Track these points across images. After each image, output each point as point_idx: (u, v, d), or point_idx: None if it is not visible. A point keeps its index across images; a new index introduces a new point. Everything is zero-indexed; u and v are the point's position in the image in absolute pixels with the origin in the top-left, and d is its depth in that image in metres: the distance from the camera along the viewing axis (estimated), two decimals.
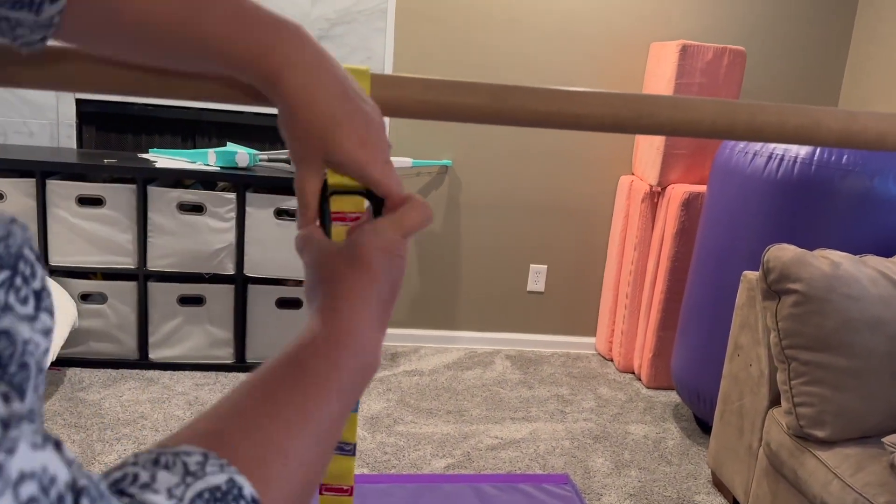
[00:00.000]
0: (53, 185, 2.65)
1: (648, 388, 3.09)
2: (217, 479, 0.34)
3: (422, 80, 0.59)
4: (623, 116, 0.59)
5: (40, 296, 0.33)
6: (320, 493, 0.66)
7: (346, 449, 0.63)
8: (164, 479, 0.32)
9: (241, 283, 2.82)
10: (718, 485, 2.35)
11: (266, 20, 0.51)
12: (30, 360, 0.30)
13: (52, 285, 2.58)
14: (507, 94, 0.59)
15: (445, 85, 0.59)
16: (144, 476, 0.32)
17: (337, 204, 0.56)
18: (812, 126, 0.62)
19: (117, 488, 0.32)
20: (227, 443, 0.37)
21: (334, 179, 0.55)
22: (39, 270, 0.33)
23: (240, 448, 0.37)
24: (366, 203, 0.59)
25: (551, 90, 0.59)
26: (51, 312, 0.33)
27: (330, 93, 0.51)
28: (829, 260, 1.90)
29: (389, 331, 3.30)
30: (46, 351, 0.32)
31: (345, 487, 0.66)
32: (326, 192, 0.55)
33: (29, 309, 0.32)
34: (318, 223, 0.57)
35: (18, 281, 0.32)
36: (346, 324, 0.49)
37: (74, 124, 2.95)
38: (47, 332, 0.32)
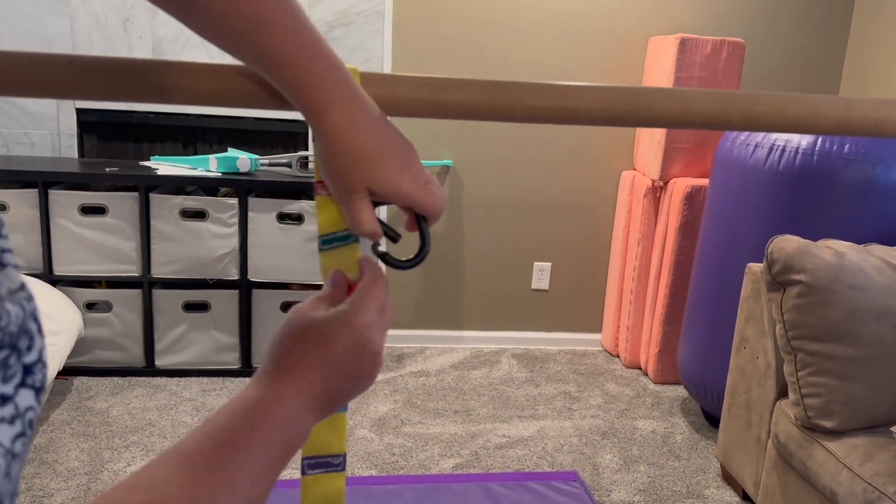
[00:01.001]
0: (56, 195, 2.66)
1: (655, 383, 3.08)
2: None
3: (415, 79, 0.59)
4: (618, 110, 0.59)
5: (31, 370, 0.33)
6: None
7: (335, 464, 0.57)
8: None
9: (245, 288, 2.83)
10: (728, 478, 2.35)
11: (324, 55, 0.54)
12: None
13: (58, 295, 2.58)
14: (500, 90, 0.58)
15: (438, 83, 0.59)
16: None
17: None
18: (808, 115, 0.61)
19: None
20: None
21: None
22: (38, 342, 0.33)
23: None
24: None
25: (545, 85, 0.59)
26: (35, 388, 0.33)
27: (370, 126, 0.54)
28: (833, 250, 1.89)
29: (395, 332, 3.30)
30: (17, 436, 0.32)
31: None
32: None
33: (8, 388, 0.31)
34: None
35: (12, 360, 0.32)
36: (280, 396, 0.48)
37: (75, 134, 2.95)
38: (14, 419, 0.31)
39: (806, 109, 0.61)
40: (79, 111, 2.94)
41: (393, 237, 0.59)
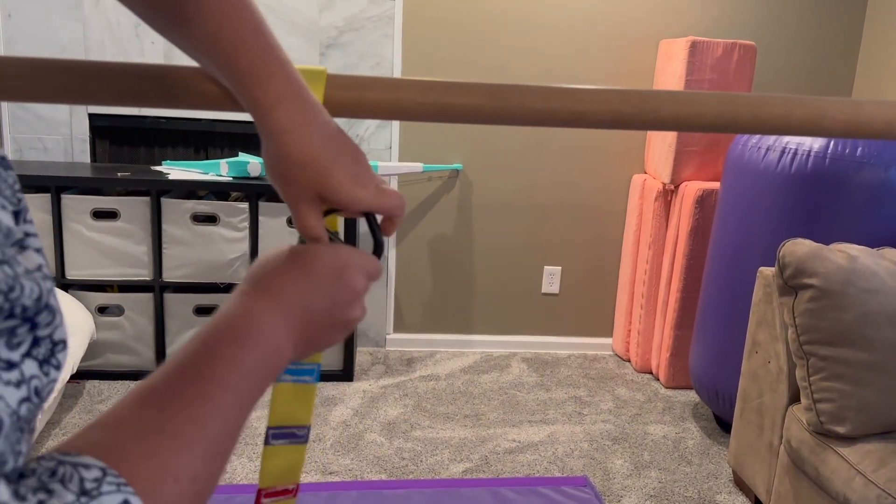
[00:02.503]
0: (68, 200, 2.68)
1: (667, 387, 3.07)
2: (112, 499, 0.33)
3: (420, 82, 0.59)
4: (624, 112, 0.59)
5: (38, 342, 0.33)
6: (258, 502, 0.56)
7: (300, 435, 0.56)
8: (60, 498, 0.31)
9: None
10: (740, 484, 2.33)
11: (277, 51, 0.52)
12: None
13: (70, 299, 2.60)
14: (504, 94, 0.58)
15: (443, 86, 0.59)
16: (41, 496, 0.31)
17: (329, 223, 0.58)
18: (817, 117, 0.61)
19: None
20: (120, 459, 0.35)
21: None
22: (58, 319, 0.34)
23: (132, 466, 0.35)
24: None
25: (549, 88, 0.59)
26: (39, 360, 0.33)
27: (320, 130, 0.53)
28: (846, 253, 1.88)
29: (405, 336, 3.30)
30: (22, 400, 0.32)
31: (290, 488, 0.57)
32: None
33: (14, 356, 0.32)
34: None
35: (21, 330, 0.32)
36: (255, 315, 0.47)
37: (88, 139, 2.98)
38: (19, 383, 0.31)
39: (814, 112, 0.61)
40: (91, 116, 2.96)
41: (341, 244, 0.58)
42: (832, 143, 2.21)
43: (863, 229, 2.17)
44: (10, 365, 0.31)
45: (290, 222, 2.79)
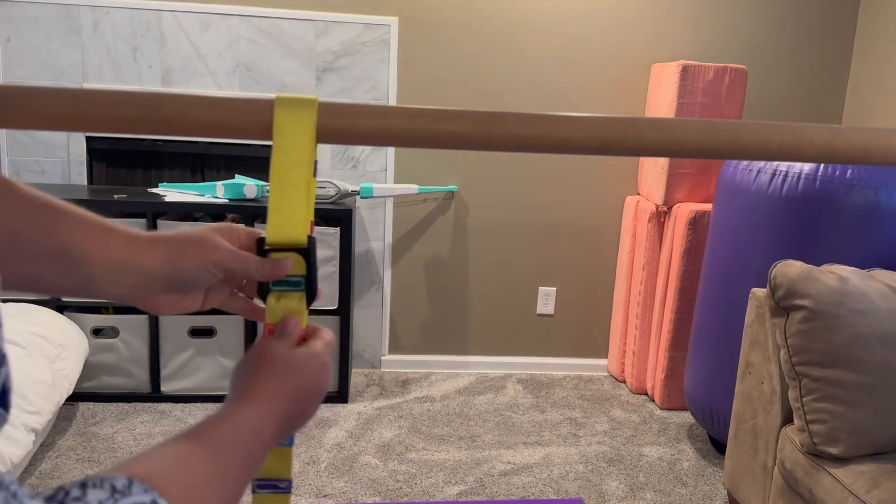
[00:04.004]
0: None
1: (662, 409, 3.07)
2: (142, 497, 0.36)
3: (409, 110, 0.60)
4: (608, 139, 0.61)
5: None
6: None
7: (281, 487, 0.62)
8: (94, 494, 0.35)
9: None
10: None
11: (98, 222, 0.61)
12: None
13: (65, 321, 2.60)
14: (492, 121, 0.60)
15: (433, 113, 0.60)
16: (75, 492, 0.35)
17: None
18: (796, 143, 0.63)
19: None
20: (154, 485, 0.40)
21: (272, 237, 0.60)
22: (6, 365, 0.37)
23: (165, 487, 0.40)
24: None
25: (536, 115, 0.60)
26: None
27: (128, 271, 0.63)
28: (837, 275, 1.89)
29: (400, 357, 3.31)
30: None
31: None
32: (263, 248, 0.61)
33: None
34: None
35: None
36: (246, 420, 0.53)
37: (85, 161, 2.99)
38: None
39: (793, 138, 0.63)
40: (88, 139, 2.98)
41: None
42: (822, 165, 2.23)
43: (853, 251, 2.19)
44: None
45: None
